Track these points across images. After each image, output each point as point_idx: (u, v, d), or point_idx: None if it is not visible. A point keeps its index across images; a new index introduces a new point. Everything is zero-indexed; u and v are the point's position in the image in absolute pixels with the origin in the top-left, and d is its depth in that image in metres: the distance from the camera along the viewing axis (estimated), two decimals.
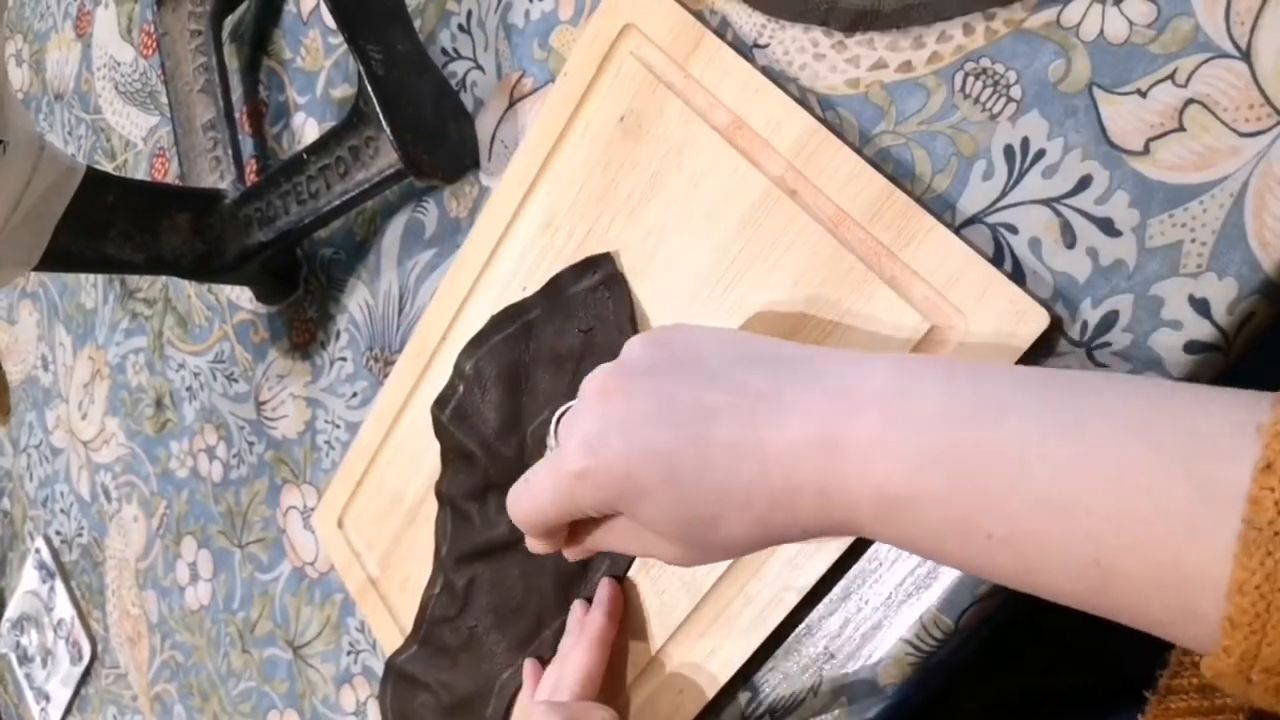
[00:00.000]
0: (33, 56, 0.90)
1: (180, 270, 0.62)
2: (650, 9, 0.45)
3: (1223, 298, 0.32)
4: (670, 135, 0.44)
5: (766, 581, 0.39)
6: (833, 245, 0.39)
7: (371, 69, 0.52)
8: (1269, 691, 0.23)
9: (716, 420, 0.31)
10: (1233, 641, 0.23)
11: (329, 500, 0.59)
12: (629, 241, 0.45)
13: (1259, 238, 0.31)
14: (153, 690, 0.77)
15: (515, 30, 0.53)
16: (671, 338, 0.34)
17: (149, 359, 0.77)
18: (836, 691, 0.39)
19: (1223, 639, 0.23)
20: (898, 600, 0.37)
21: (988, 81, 0.37)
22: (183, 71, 0.67)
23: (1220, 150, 0.32)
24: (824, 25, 0.41)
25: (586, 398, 0.33)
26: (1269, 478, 0.22)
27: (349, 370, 0.61)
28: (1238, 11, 0.32)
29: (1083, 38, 0.35)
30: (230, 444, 0.70)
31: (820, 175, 0.39)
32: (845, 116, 0.40)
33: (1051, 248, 0.35)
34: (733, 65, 0.42)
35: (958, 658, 0.37)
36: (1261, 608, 0.22)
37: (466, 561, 0.50)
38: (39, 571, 0.89)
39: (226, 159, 0.64)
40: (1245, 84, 0.32)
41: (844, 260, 0.38)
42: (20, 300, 0.92)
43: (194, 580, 0.72)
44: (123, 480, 0.80)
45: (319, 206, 0.57)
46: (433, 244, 0.56)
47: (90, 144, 0.83)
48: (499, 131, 0.53)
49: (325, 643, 0.62)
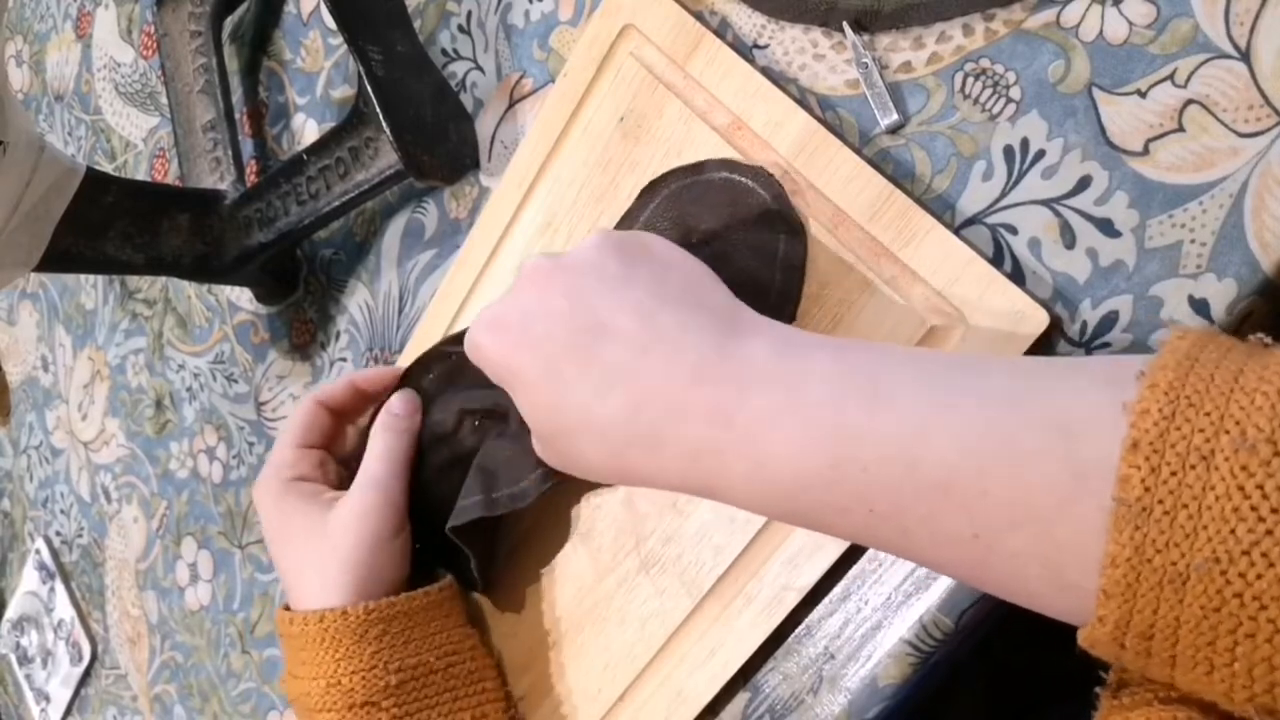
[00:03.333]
0: (33, 57, 0.90)
1: (180, 271, 0.62)
2: (650, 10, 0.45)
3: (1222, 298, 0.32)
4: (670, 136, 0.44)
5: (766, 581, 0.39)
6: (833, 245, 0.39)
7: (371, 70, 0.52)
8: (1139, 655, 0.24)
9: (611, 342, 0.31)
10: (1107, 611, 0.24)
11: None
12: None
13: (1258, 238, 0.31)
14: (153, 691, 0.77)
15: (515, 31, 0.53)
16: (624, 246, 0.35)
17: (149, 360, 0.77)
18: (836, 691, 0.39)
19: (1097, 609, 0.24)
20: (898, 600, 0.37)
21: (987, 82, 0.37)
22: (183, 72, 0.67)
23: (1220, 151, 0.32)
24: (824, 26, 0.41)
25: (521, 276, 0.35)
26: (1135, 456, 0.23)
27: (349, 371, 0.61)
28: (1237, 12, 0.32)
29: (1082, 38, 0.35)
30: (230, 445, 0.70)
31: (820, 176, 0.39)
32: (845, 117, 0.40)
33: (1051, 248, 0.35)
34: (732, 66, 0.42)
35: (957, 657, 0.37)
36: (1132, 578, 0.23)
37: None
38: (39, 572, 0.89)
39: (226, 160, 0.64)
40: (1245, 85, 0.32)
41: (844, 260, 0.38)
42: (20, 301, 0.92)
43: (194, 581, 0.72)
44: (123, 481, 0.80)
45: (319, 207, 0.57)
46: (433, 244, 0.56)
47: (90, 144, 0.83)
48: (499, 132, 0.53)
49: None
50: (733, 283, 0.35)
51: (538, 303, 0.33)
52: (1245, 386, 0.23)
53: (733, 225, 0.40)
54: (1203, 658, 0.23)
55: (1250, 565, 0.22)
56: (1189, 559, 0.22)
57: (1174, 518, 0.23)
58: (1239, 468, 0.22)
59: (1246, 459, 0.22)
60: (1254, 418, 0.22)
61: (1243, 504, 0.22)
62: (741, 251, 0.40)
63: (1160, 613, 0.23)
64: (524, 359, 0.33)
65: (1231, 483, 0.22)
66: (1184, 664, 0.23)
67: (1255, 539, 0.22)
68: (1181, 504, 0.22)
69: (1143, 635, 0.24)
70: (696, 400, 0.30)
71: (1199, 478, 0.22)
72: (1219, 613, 0.22)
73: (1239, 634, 0.22)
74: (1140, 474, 0.23)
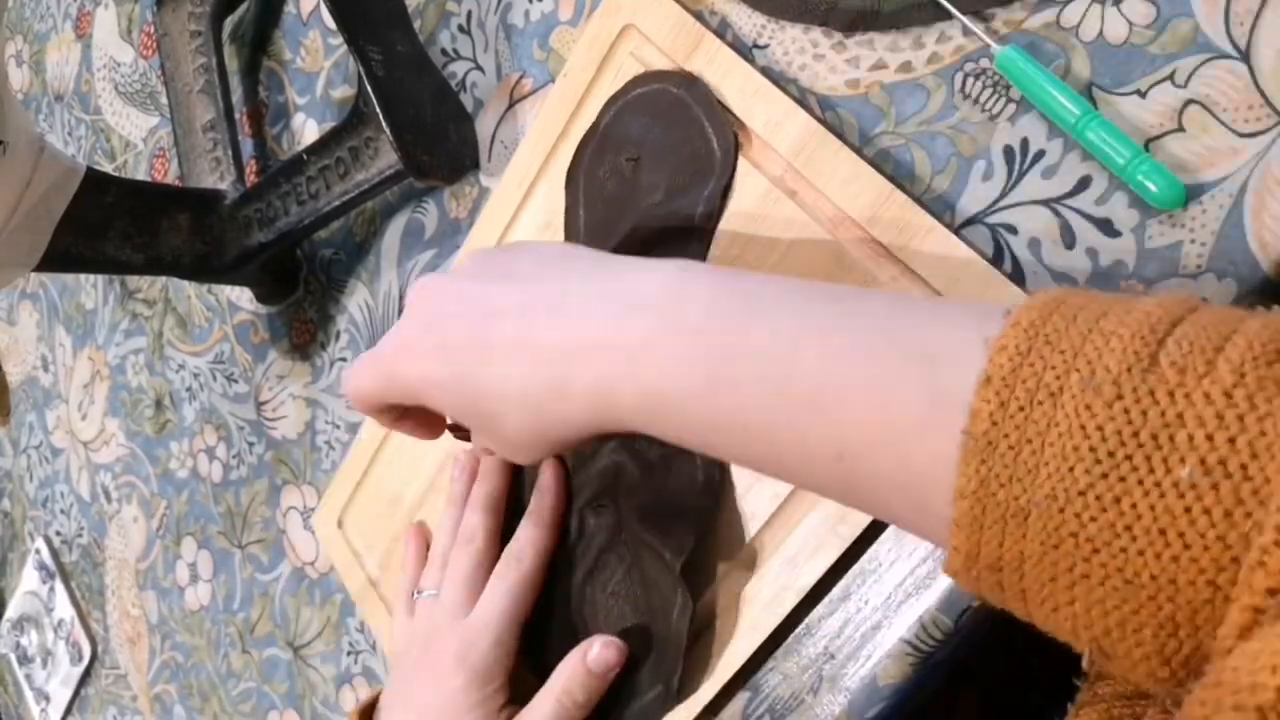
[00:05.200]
0: (33, 57, 0.90)
1: (180, 271, 0.62)
2: (650, 10, 0.45)
3: (1222, 298, 0.32)
4: None
5: (766, 581, 0.39)
6: (833, 246, 0.39)
7: (371, 70, 0.52)
8: (992, 588, 0.25)
9: (503, 320, 0.33)
10: (958, 541, 0.24)
11: (329, 501, 0.59)
12: None
13: (1258, 238, 0.31)
14: (153, 691, 0.77)
15: (515, 31, 0.53)
16: (501, 251, 0.37)
17: (149, 359, 0.77)
18: (836, 691, 0.39)
19: (951, 539, 0.24)
20: (898, 600, 0.37)
21: (987, 82, 0.37)
22: (183, 72, 0.67)
23: (1220, 151, 0.32)
24: (824, 26, 0.41)
25: (409, 299, 0.37)
26: (987, 390, 0.23)
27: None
28: (1237, 12, 0.32)
29: (1082, 38, 0.35)
30: (230, 445, 0.70)
31: (820, 176, 0.39)
32: (845, 117, 0.40)
33: (1051, 248, 0.35)
34: (732, 66, 0.42)
35: (957, 657, 0.38)
36: (978, 510, 0.23)
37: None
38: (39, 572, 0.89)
39: (226, 160, 0.64)
40: (1245, 85, 0.32)
41: (844, 260, 0.38)
42: (20, 301, 0.92)
43: (194, 581, 0.72)
44: (123, 481, 0.80)
45: (319, 207, 0.57)
46: (433, 244, 0.56)
47: (90, 144, 0.83)
48: (499, 132, 0.53)
49: (325, 643, 0.62)
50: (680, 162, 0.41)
51: (433, 314, 0.35)
52: (1104, 329, 0.23)
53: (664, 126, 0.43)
54: (1047, 594, 0.23)
55: (1085, 507, 0.22)
56: (1030, 494, 0.23)
57: (1018, 453, 0.23)
58: (1083, 407, 0.22)
59: (1091, 399, 0.22)
60: (1105, 358, 0.22)
61: (1082, 444, 0.22)
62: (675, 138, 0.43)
63: (1005, 546, 0.23)
64: (432, 366, 0.35)
65: (1074, 421, 0.22)
66: (1033, 600, 0.24)
67: (1091, 481, 0.22)
68: (1026, 439, 0.23)
69: (992, 567, 0.24)
70: (584, 339, 0.32)
71: (1045, 414, 0.23)
72: (1058, 550, 0.22)
73: (1075, 574, 0.22)
74: (989, 408, 0.23)
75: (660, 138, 0.44)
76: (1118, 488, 0.21)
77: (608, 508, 0.43)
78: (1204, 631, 0.21)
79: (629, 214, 0.44)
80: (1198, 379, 0.21)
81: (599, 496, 0.43)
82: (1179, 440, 0.21)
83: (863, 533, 0.37)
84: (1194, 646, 0.22)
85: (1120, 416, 0.22)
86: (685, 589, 0.40)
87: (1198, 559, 0.21)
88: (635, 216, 0.44)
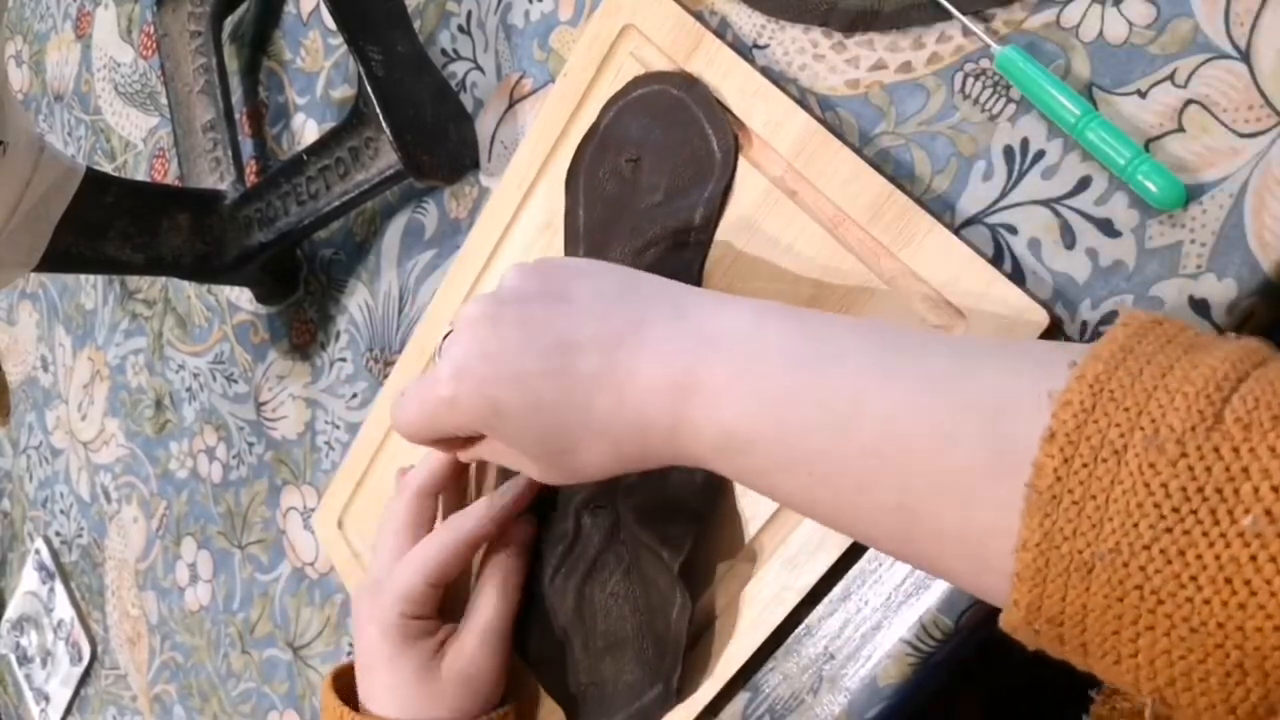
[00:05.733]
0: (32, 57, 0.90)
1: (180, 271, 0.62)
2: (650, 10, 0.45)
3: (1222, 298, 0.32)
4: None
5: (766, 581, 0.39)
6: (833, 246, 0.39)
7: (371, 70, 0.52)
8: (1052, 641, 0.25)
9: (580, 354, 0.33)
10: (1019, 595, 0.24)
11: (329, 501, 0.59)
12: None
13: (1259, 238, 0.31)
14: (152, 691, 0.77)
15: (515, 31, 0.53)
16: (548, 269, 0.36)
17: (149, 360, 0.77)
18: (836, 691, 0.39)
19: (1012, 593, 0.25)
20: (898, 600, 0.37)
21: (987, 82, 0.37)
22: (183, 72, 0.67)
23: (1220, 151, 0.32)
24: (824, 26, 0.41)
25: (461, 325, 0.36)
26: (1051, 446, 0.24)
27: (349, 371, 0.61)
28: (1237, 12, 0.32)
29: (1082, 38, 0.35)
30: (230, 445, 0.70)
31: (820, 176, 0.39)
32: (845, 117, 0.40)
33: (1051, 248, 0.35)
34: (733, 66, 0.42)
35: (957, 658, 0.37)
36: (1041, 564, 0.24)
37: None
38: (39, 572, 0.89)
39: (226, 160, 0.64)
40: (1245, 85, 0.32)
41: (844, 261, 0.38)
42: (20, 301, 0.92)
43: (194, 581, 0.72)
44: (122, 481, 0.80)
45: (319, 207, 0.57)
46: (433, 244, 0.56)
47: (90, 144, 0.83)
48: (499, 132, 0.53)
49: (325, 643, 0.62)
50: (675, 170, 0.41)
51: (494, 341, 0.34)
52: (1169, 385, 0.23)
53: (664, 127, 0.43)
54: (1110, 647, 0.24)
55: (1150, 560, 0.22)
56: (1094, 548, 0.23)
57: (1082, 507, 0.23)
58: (1147, 464, 0.22)
59: (1155, 457, 0.22)
60: (1169, 417, 0.23)
61: (1146, 500, 0.22)
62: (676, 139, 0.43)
63: (1068, 599, 0.24)
64: (503, 394, 0.34)
65: (1139, 479, 0.22)
66: (1094, 652, 0.24)
67: (1155, 535, 0.22)
68: (1090, 495, 0.23)
69: (1053, 621, 0.24)
70: (669, 378, 0.32)
71: (1109, 471, 0.23)
72: (1122, 603, 0.23)
73: (1140, 625, 0.23)
74: (1054, 463, 0.24)
75: (660, 139, 0.44)
76: (1182, 540, 0.22)
77: (606, 508, 0.43)
78: (1273, 678, 0.21)
79: (629, 215, 0.44)
80: (1263, 434, 0.22)
81: (597, 497, 0.43)
82: (1244, 492, 0.21)
83: None
84: (1262, 694, 0.22)
85: (1185, 474, 0.22)
86: (684, 589, 0.40)
87: (1264, 605, 0.21)
88: (635, 217, 0.44)
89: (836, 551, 0.38)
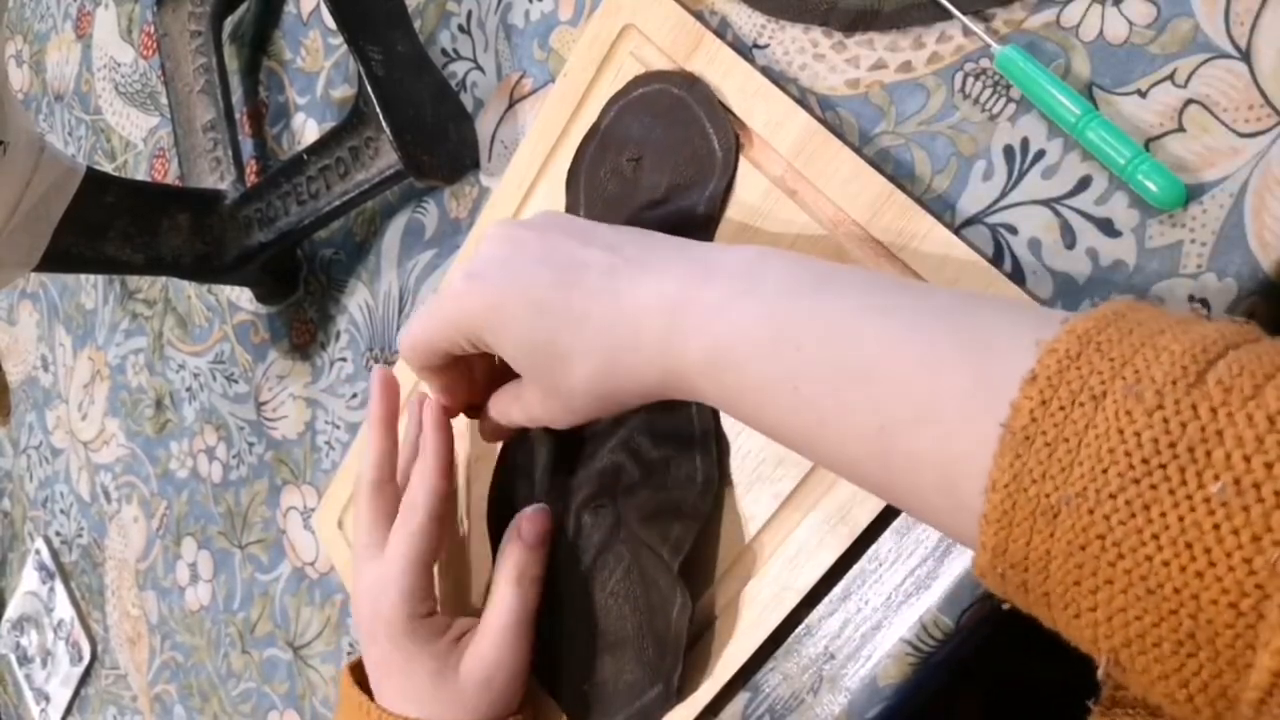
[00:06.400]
0: (33, 57, 0.90)
1: (180, 271, 0.62)
2: (650, 9, 0.45)
3: (1222, 298, 0.32)
4: None
5: (766, 581, 0.39)
6: (833, 246, 0.39)
7: (371, 70, 0.52)
8: (1017, 589, 0.25)
9: (586, 271, 0.35)
10: (986, 537, 0.24)
11: (329, 501, 0.59)
12: None
13: (1259, 238, 0.31)
14: (153, 691, 0.77)
15: (515, 31, 0.53)
16: (570, 217, 0.39)
17: (149, 359, 0.77)
18: (836, 691, 0.39)
19: (980, 534, 0.24)
20: (898, 600, 0.37)
21: (987, 82, 0.37)
22: (183, 72, 0.67)
23: (1220, 151, 0.32)
24: (824, 25, 0.41)
25: (481, 243, 0.38)
26: (1031, 388, 0.24)
27: (349, 371, 0.61)
28: (1237, 12, 0.32)
29: (1082, 38, 0.35)
30: (230, 445, 0.70)
31: (820, 176, 0.39)
32: (845, 117, 0.40)
33: (1051, 248, 0.35)
34: (733, 66, 0.42)
35: (957, 657, 0.37)
36: (1009, 505, 0.24)
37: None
38: (39, 572, 0.89)
39: (226, 160, 0.64)
40: (1245, 84, 0.32)
41: (844, 261, 0.38)
42: (20, 301, 0.92)
43: (194, 581, 0.72)
44: (123, 481, 0.80)
45: (319, 207, 0.57)
46: (433, 244, 0.56)
47: (90, 144, 0.83)
48: (499, 132, 0.53)
49: (325, 643, 0.62)
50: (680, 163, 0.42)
51: (513, 252, 0.36)
52: (1157, 343, 0.23)
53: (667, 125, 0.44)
54: (1070, 599, 0.23)
55: (1114, 510, 0.22)
56: (1061, 492, 0.23)
57: (1053, 450, 0.23)
58: (1124, 412, 0.22)
59: (1132, 404, 0.22)
60: (1153, 369, 0.23)
61: (1118, 447, 0.22)
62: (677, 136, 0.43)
63: (1033, 544, 0.23)
64: (509, 299, 0.36)
65: (1113, 425, 0.22)
66: (1056, 604, 0.24)
67: (1123, 484, 0.22)
68: (1063, 438, 0.23)
69: (1018, 566, 0.24)
70: (664, 294, 0.33)
71: (1085, 415, 0.23)
72: (1084, 551, 0.22)
73: (1099, 579, 0.22)
74: (1031, 404, 0.24)
75: (661, 138, 0.44)
76: (1148, 494, 0.21)
77: (607, 507, 0.43)
78: (1224, 659, 0.21)
79: (630, 214, 0.44)
80: (1243, 400, 0.21)
81: (598, 496, 0.43)
82: (1215, 457, 0.21)
83: (863, 533, 0.37)
84: (1214, 674, 0.21)
85: (1159, 425, 0.22)
86: (684, 588, 0.40)
87: (1221, 578, 0.21)
88: (636, 216, 0.44)
89: (837, 551, 0.38)
